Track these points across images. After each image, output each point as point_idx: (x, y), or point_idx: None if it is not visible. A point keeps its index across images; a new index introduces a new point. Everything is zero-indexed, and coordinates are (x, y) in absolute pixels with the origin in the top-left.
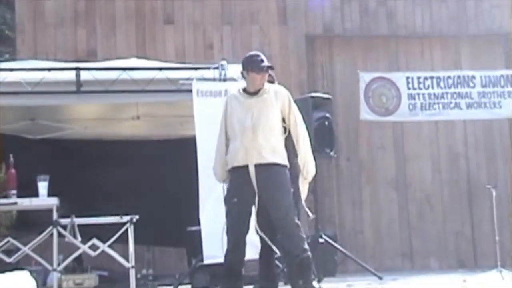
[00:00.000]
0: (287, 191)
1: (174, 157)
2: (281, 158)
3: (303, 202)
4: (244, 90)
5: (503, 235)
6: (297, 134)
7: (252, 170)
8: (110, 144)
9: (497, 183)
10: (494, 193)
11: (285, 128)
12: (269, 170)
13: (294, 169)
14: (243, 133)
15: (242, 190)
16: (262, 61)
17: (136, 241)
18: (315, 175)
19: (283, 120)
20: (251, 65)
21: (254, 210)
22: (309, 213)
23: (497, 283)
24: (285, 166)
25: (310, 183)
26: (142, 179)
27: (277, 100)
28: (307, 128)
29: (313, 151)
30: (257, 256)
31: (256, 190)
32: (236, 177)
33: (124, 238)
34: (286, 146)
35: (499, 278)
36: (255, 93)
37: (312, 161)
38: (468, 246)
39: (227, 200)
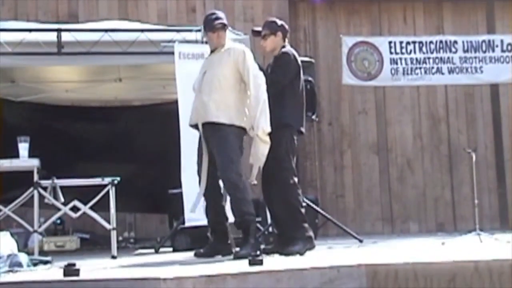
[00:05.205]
0: (228, 150)
1: (156, 120)
2: (226, 116)
3: (257, 164)
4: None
5: (482, 198)
6: (250, 90)
7: (201, 129)
8: (92, 108)
9: (477, 147)
10: (474, 158)
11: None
12: (212, 129)
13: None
14: (196, 93)
15: (200, 149)
16: (216, 19)
17: (117, 209)
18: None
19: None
20: (206, 25)
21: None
22: (253, 177)
23: (475, 246)
24: (230, 124)
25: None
26: (123, 143)
27: (230, 57)
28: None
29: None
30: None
31: (206, 149)
32: (199, 136)
33: (105, 204)
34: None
35: (478, 241)
36: (213, 52)
37: (265, 118)
38: (448, 210)
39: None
